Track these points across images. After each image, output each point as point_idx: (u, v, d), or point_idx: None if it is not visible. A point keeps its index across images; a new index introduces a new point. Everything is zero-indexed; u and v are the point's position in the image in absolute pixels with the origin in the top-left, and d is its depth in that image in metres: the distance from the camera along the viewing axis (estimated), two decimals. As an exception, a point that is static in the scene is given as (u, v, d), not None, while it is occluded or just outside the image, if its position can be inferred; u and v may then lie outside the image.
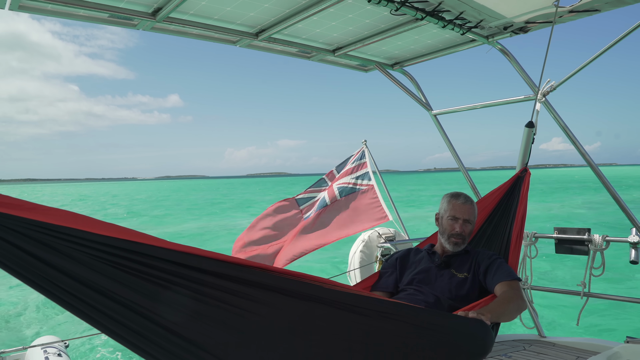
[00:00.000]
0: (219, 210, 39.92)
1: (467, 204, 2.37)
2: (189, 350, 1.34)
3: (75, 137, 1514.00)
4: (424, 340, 1.67)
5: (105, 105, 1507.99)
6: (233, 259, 1.41)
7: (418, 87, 4.10)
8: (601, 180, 3.24)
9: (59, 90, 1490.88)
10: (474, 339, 1.85)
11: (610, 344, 3.29)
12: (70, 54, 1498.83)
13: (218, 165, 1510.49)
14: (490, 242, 2.73)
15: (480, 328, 1.84)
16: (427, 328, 1.69)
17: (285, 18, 2.98)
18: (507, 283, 2.15)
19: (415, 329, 1.67)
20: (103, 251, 1.24)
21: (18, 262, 1.17)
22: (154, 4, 2.70)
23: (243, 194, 70.76)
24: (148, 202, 56.83)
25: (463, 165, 4.15)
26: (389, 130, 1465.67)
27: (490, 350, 1.96)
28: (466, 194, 2.45)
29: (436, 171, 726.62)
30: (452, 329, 1.78)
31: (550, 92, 3.25)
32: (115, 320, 1.28)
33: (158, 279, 1.30)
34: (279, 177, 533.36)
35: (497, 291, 2.15)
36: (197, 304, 1.34)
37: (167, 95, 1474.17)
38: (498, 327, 2.21)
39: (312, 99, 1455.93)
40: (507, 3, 2.81)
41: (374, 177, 5.17)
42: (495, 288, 2.17)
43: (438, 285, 2.25)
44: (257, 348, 1.42)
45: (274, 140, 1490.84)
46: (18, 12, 2.52)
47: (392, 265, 2.47)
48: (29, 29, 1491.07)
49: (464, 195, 2.42)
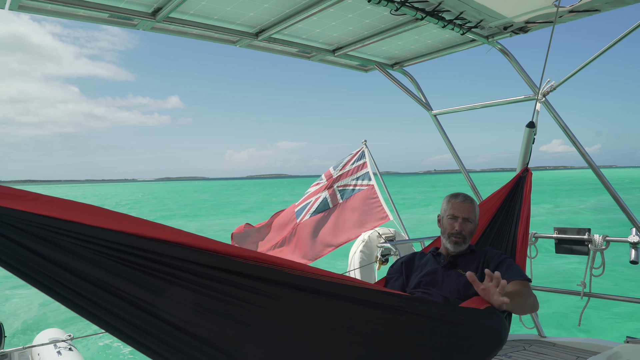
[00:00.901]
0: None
1: (467, 202, 2.37)
2: (197, 347, 1.31)
3: (76, 138, 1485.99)
4: (440, 332, 1.68)
5: (105, 106, 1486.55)
6: (242, 252, 1.37)
7: (418, 87, 4.10)
8: (601, 181, 3.24)
9: (59, 92, 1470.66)
10: (490, 330, 1.86)
11: (610, 344, 3.29)
12: (71, 56, 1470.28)
13: (218, 166, 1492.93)
14: (496, 244, 2.73)
15: (495, 320, 1.85)
16: (443, 320, 1.70)
17: (285, 18, 2.98)
18: (521, 282, 2.15)
19: (430, 321, 1.68)
20: (106, 246, 1.21)
21: (18, 259, 1.15)
22: (154, 4, 2.70)
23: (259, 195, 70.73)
24: (175, 202, 56.62)
25: (463, 166, 4.14)
26: (388, 131, 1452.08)
27: (506, 341, 1.97)
28: (466, 193, 2.45)
29: (436, 173, 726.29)
30: (468, 322, 1.79)
31: (550, 92, 3.26)
32: (119, 318, 1.24)
33: (163, 273, 1.27)
34: (279, 178, 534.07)
35: (510, 289, 2.12)
36: (205, 299, 1.31)
37: (167, 97, 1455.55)
38: (511, 318, 2.21)
39: (311, 100, 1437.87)
40: (507, 3, 2.81)
41: (374, 177, 5.17)
42: (507, 286, 2.15)
43: (446, 286, 2.24)
44: (268, 343, 1.40)
45: (274, 142, 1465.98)
46: (18, 12, 2.52)
47: (398, 270, 2.46)
48: (30, 31, 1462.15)
49: (463, 194, 2.42)
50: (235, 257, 1.36)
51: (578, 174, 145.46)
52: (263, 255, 1.41)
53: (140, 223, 1.26)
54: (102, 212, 1.23)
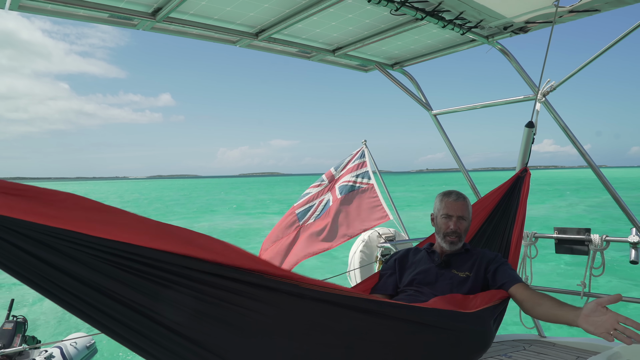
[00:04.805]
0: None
1: (460, 200, 2.35)
2: (192, 350, 1.33)
3: (66, 135, 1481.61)
4: (425, 336, 1.69)
5: (96, 103, 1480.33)
6: (234, 259, 1.37)
7: (418, 87, 4.10)
8: (601, 181, 3.24)
9: (50, 89, 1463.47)
10: (475, 334, 1.86)
11: (610, 344, 3.28)
12: (61, 52, 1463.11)
13: (210, 164, 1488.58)
14: (490, 242, 2.73)
15: (481, 323, 1.85)
16: (428, 325, 1.71)
17: (285, 18, 2.98)
18: (524, 285, 2.13)
19: (416, 325, 1.68)
20: (104, 251, 1.22)
21: (17, 261, 1.15)
22: (154, 4, 2.70)
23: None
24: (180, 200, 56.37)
25: (464, 166, 4.14)
26: (381, 131, 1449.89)
27: (491, 344, 1.96)
28: (458, 191, 2.44)
29: (428, 172, 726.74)
30: (452, 326, 1.80)
31: (550, 92, 3.26)
32: (115, 320, 1.26)
33: (159, 278, 1.28)
34: (271, 177, 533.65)
35: (517, 292, 2.11)
36: (202, 304, 1.32)
37: (158, 95, 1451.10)
38: (500, 321, 2.20)
39: (304, 99, 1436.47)
40: (507, 3, 2.81)
41: (373, 177, 5.17)
42: (512, 288, 2.13)
43: (439, 286, 2.24)
44: (261, 347, 1.41)
45: (267, 140, 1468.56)
46: (18, 12, 2.52)
47: (391, 267, 2.45)
48: (19, 27, 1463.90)
49: (455, 192, 2.40)
50: (234, 267, 1.36)
51: (571, 173, 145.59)
52: (259, 263, 1.42)
53: (140, 231, 1.26)
54: (103, 219, 1.22)
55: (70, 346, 4.07)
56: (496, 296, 2.10)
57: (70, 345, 4.09)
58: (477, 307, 1.96)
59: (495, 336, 2.13)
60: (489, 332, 2.00)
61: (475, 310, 1.92)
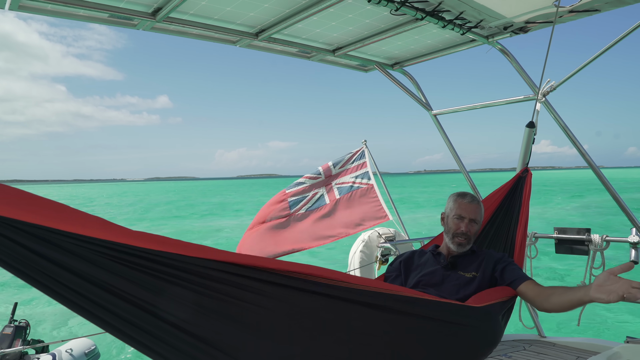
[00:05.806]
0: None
1: (474, 203, 2.34)
2: (198, 347, 1.32)
3: (63, 138, 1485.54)
4: (435, 331, 1.70)
5: (93, 106, 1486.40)
6: (237, 258, 1.37)
7: (418, 87, 4.10)
8: (601, 181, 3.24)
9: (47, 91, 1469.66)
10: (485, 330, 1.85)
11: (610, 344, 3.28)
12: (58, 55, 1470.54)
13: (208, 166, 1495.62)
14: (494, 243, 2.72)
15: (490, 319, 1.85)
16: (438, 320, 1.71)
17: (285, 18, 2.98)
18: (533, 282, 2.13)
19: (425, 320, 1.69)
20: (105, 247, 1.21)
21: (18, 259, 1.14)
22: (154, 4, 2.70)
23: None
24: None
25: (464, 167, 4.14)
26: (378, 132, 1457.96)
27: (500, 340, 1.95)
28: (472, 193, 2.43)
29: (426, 173, 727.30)
30: (462, 321, 1.80)
31: (550, 92, 3.26)
32: (120, 317, 1.25)
33: (163, 274, 1.27)
34: (269, 178, 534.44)
35: (527, 289, 2.10)
36: (205, 300, 1.31)
37: (156, 97, 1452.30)
38: (508, 318, 2.19)
39: (302, 101, 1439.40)
40: (507, 3, 2.81)
41: (373, 177, 5.17)
42: (521, 286, 2.13)
43: (445, 287, 2.22)
44: (268, 343, 1.40)
45: (265, 142, 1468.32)
46: (18, 12, 2.52)
47: (397, 269, 2.44)
48: (16, 29, 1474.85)
49: (470, 194, 2.39)
50: (236, 263, 1.36)
51: (569, 174, 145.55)
52: (262, 259, 1.42)
53: (141, 236, 1.25)
54: (102, 225, 1.21)
55: (70, 351, 4.07)
56: (503, 292, 2.10)
57: (69, 350, 4.09)
58: (485, 302, 1.96)
59: (509, 333, 2.13)
60: (497, 327, 1.99)
61: (483, 305, 1.91)
